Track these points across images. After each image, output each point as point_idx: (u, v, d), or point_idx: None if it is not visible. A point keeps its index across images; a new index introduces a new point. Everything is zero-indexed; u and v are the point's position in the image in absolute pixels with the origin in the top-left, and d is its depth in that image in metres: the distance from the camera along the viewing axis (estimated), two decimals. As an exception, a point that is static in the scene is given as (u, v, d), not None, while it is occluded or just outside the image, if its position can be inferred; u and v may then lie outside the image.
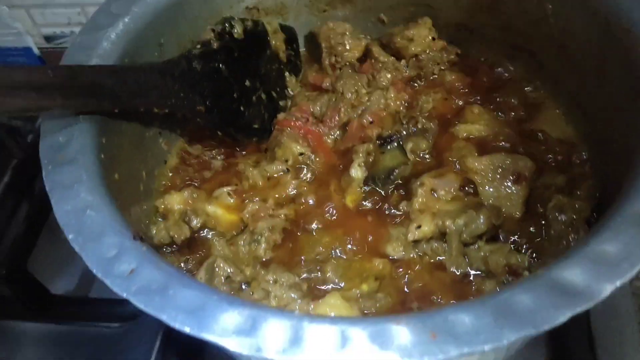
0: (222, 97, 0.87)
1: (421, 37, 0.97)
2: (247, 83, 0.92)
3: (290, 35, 1.02)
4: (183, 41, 0.91)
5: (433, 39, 0.97)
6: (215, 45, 0.86)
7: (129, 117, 0.81)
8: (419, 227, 0.78)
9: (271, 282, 0.77)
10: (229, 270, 0.78)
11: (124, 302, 0.55)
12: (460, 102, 0.94)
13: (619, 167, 0.72)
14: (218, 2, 0.93)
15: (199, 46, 0.85)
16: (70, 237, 0.59)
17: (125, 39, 0.81)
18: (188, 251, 0.84)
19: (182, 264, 0.83)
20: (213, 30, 0.87)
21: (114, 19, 0.81)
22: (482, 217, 0.75)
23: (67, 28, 1.53)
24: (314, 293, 0.77)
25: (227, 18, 0.91)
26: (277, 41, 0.98)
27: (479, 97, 0.95)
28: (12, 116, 0.62)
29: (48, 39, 1.57)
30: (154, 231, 0.83)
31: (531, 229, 0.78)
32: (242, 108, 0.91)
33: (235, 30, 0.90)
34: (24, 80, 0.61)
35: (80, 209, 0.61)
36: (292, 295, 0.75)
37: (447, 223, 0.77)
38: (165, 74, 0.78)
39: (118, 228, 0.61)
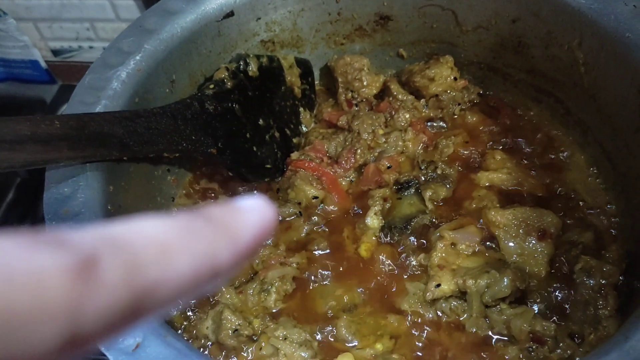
0: (234, 137, 0.83)
1: (442, 77, 0.93)
2: (261, 122, 0.88)
3: (305, 69, 0.98)
4: (195, 76, 0.88)
5: (455, 78, 0.93)
6: (229, 84, 0.83)
7: (137, 159, 0.78)
8: (438, 285, 0.74)
9: (281, 338, 0.74)
10: (237, 323, 0.75)
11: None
12: (482, 147, 0.91)
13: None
14: (232, 36, 0.90)
15: (212, 86, 0.81)
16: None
17: (136, 78, 0.78)
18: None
19: (188, 312, 0.80)
20: (227, 69, 0.83)
21: (125, 57, 0.78)
22: (505, 279, 0.72)
23: (75, 43, 1.50)
24: (325, 352, 0.73)
25: (242, 55, 0.87)
26: (292, 76, 0.94)
27: (501, 141, 0.91)
28: (15, 170, 0.58)
29: (56, 52, 1.54)
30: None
31: (557, 291, 0.75)
32: (254, 148, 0.87)
33: (250, 68, 0.86)
34: (28, 132, 0.58)
35: (85, 272, 0.58)
36: (303, 354, 0.72)
37: (469, 283, 0.73)
38: (177, 117, 0.75)
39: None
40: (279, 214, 0.86)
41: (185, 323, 0.78)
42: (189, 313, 0.80)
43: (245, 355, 0.74)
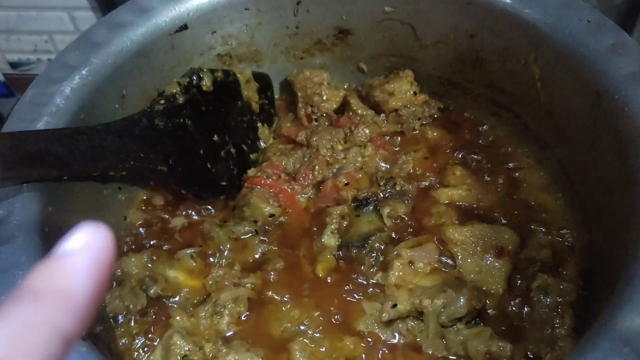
0: (186, 154, 0.81)
1: (402, 91, 0.92)
2: (216, 137, 0.86)
3: (264, 83, 0.96)
4: (148, 91, 0.85)
5: (414, 93, 0.92)
6: (180, 99, 0.80)
7: (82, 177, 0.74)
8: (395, 305, 0.73)
9: (233, 363, 0.71)
10: (186, 348, 0.72)
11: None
12: (442, 163, 0.89)
13: (608, 252, 0.68)
14: (187, 50, 0.87)
15: (162, 101, 0.79)
16: None
17: (81, 93, 0.75)
18: (143, 321, 0.78)
19: (136, 331, 0.77)
20: (179, 84, 0.81)
21: (70, 71, 0.75)
22: (462, 299, 0.70)
23: (33, 55, 1.47)
24: (279, 377, 0.71)
25: (195, 70, 0.85)
26: (249, 91, 0.92)
27: (460, 156, 0.90)
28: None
29: (14, 65, 1.50)
30: (107, 299, 0.76)
31: (513, 308, 0.73)
32: (208, 165, 0.84)
33: (204, 82, 0.84)
34: (-45, 152, 0.55)
35: (15, 299, 0.55)
36: (255, 379, 0.69)
37: (425, 303, 0.72)
38: (123, 134, 0.72)
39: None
40: (234, 232, 0.84)
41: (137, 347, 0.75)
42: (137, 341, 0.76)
43: (195, 381, 0.71)
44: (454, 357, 0.71)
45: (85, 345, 0.53)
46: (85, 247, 0.25)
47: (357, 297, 0.77)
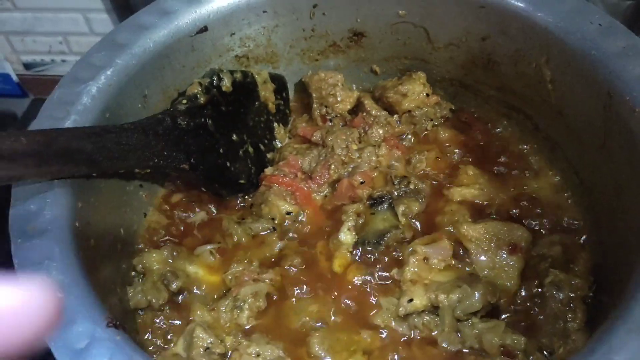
0: (207, 153, 0.83)
1: (415, 92, 0.94)
2: (234, 137, 0.88)
3: (279, 85, 0.98)
4: (169, 91, 0.87)
5: (427, 94, 0.95)
6: (202, 99, 0.82)
7: (108, 174, 0.77)
8: (411, 300, 0.75)
9: (253, 355, 0.73)
10: (208, 341, 0.74)
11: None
12: (454, 162, 0.92)
13: (619, 249, 0.70)
14: (206, 51, 0.90)
15: (184, 101, 0.81)
16: (37, 323, 0.54)
17: (107, 93, 0.77)
18: (165, 314, 0.80)
19: (158, 324, 0.79)
20: (200, 84, 0.83)
21: (96, 71, 0.77)
22: (477, 294, 0.72)
23: (47, 56, 1.49)
24: (298, 368, 0.73)
25: (215, 70, 0.87)
26: (266, 92, 0.94)
27: (473, 156, 0.93)
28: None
29: (28, 66, 1.53)
30: (130, 294, 0.78)
31: (527, 303, 0.76)
32: (228, 163, 0.87)
33: (224, 83, 0.86)
34: (-8, 148, 0.57)
35: (51, 290, 0.57)
36: (275, 371, 0.71)
37: (440, 297, 0.74)
38: (148, 133, 0.74)
39: (91, 314, 0.56)
40: (252, 229, 0.86)
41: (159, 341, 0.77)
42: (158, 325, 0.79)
43: (217, 373, 0.73)
44: (469, 350, 0.73)
45: (119, 334, 0.55)
46: (22, 309, 0.23)
47: (373, 292, 0.79)
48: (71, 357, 0.52)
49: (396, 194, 0.87)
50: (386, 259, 0.81)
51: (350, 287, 0.81)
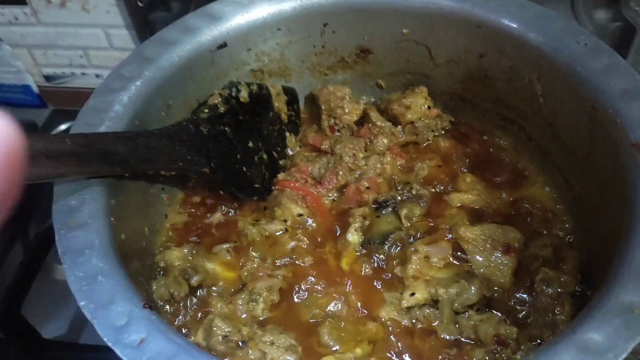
0: (226, 158, 0.90)
1: (417, 105, 1.02)
2: (250, 144, 0.95)
3: (291, 96, 1.06)
4: (190, 101, 0.95)
5: (428, 107, 1.02)
6: (222, 109, 0.90)
7: (136, 176, 0.84)
8: (413, 294, 0.81)
9: (268, 343, 0.79)
10: (226, 330, 0.80)
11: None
12: (454, 170, 0.99)
13: (603, 248, 0.77)
14: (225, 65, 0.97)
15: (206, 110, 0.88)
16: (81, 303, 0.61)
17: (136, 102, 0.84)
18: (186, 306, 0.86)
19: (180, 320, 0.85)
20: (220, 95, 0.91)
21: (127, 82, 0.84)
22: (473, 288, 0.79)
23: (67, 69, 1.56)
24: (309, 355, 0.79)
25: (234, 82, 0.95)
26: (279, 103, 1.02)
27: (470, 165, 1.00)
28: (27, 183, 0.63)
29: (48, 78, 1.60)
30: (154, 287, 0.85)
31: (519, 299, 0.82)
32: (244, 168, 0.94)
33: (241, 94, 0.94)
34: (42, 148, 0.63)
35: (92, 275, 0.64)
36: (288, 357, 0.78)
37: (440, 292, 0.80)
38: (174, 138, 0.81)
39: (128, 295, 0.63)
40: (266, 230, 0.93)
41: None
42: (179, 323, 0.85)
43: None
44: (466, 340, 0.79)
45: (154, 314, 0.62)
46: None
47: (378, 287, 0.86)
48: (114, 334, 0.59)
49: (399, 198, 0.94)
50: (390, 257, 0.88)
51: (356, 283, 0.87)
